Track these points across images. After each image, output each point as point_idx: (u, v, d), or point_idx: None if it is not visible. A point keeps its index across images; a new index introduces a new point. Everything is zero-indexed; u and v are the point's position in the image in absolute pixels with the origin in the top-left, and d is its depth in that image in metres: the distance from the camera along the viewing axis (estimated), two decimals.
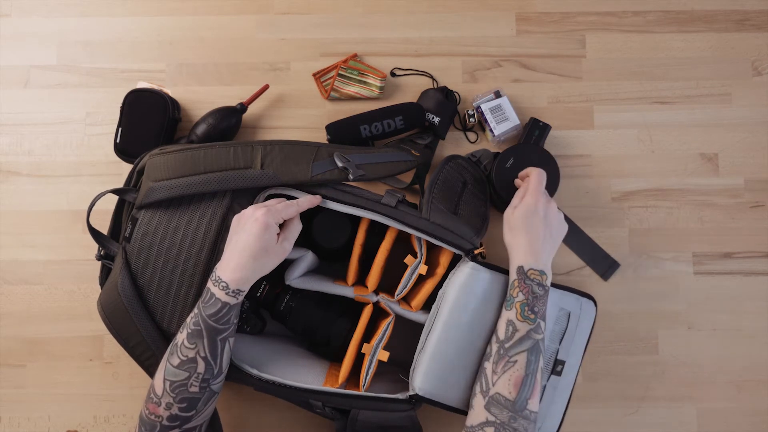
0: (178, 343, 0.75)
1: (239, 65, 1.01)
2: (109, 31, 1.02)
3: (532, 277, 0.79)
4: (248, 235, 0.76)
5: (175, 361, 0.74)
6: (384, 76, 0.99)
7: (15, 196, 0.99)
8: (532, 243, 0.81)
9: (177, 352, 0.74)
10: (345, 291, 0.86)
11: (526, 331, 0.77)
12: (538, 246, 0.81)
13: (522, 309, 0.78)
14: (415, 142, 0.97)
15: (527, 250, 0.80)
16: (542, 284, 0.79)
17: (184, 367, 0.74)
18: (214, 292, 0.75)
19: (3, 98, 1.00)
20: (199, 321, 0.75)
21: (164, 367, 0.75)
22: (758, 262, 0.98)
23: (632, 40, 1.02)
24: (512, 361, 0.76)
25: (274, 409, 0.95)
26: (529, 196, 0.82)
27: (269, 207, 0.78)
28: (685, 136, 1.00)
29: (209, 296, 0.75)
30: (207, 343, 0.74)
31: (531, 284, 0.79)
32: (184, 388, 0.74)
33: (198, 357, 0.74)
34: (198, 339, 0.74)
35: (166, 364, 0.75)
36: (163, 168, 0.83)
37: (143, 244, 0.83)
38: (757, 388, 0.97)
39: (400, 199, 0.85)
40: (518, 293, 0.79)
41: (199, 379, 0.74)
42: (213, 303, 0.75)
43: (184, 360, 0.74)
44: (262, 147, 0.84)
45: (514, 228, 0.82)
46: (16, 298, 0.98)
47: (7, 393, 0.96)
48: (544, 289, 0.79)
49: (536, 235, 0.81)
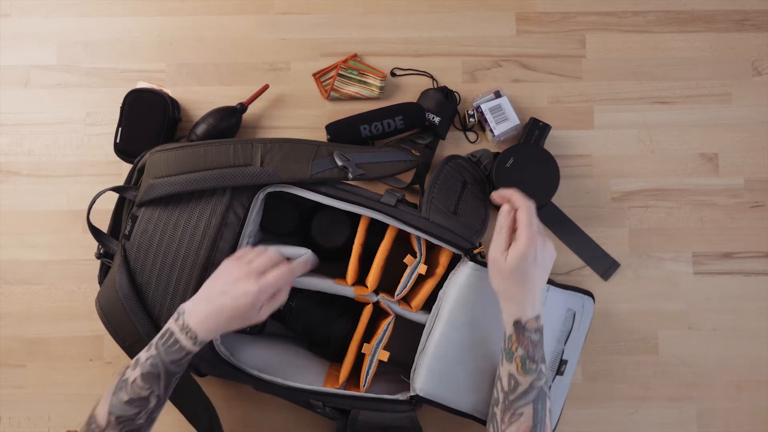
0: (128, 380, 0.71)
1: (239, 65, 1.01)
2: (109, 31, 1.02)
3: (530, 329, 0.74)
4: (232, 303, 0.72)
5: (124, 397, 0.71)
6: (384, 76, 0.99)
7: (15, 196, 0.99)
8: (529, 293, 0.75)
9: (127, 389, 0.71)
10: (345, 291, 0.86)
11: (529, 383, 0.74)
12: (535, 293, 0.75)
13: (523, 363, 0.74)
14: (415, 142, 0.97)
15: (524, 302, 0.75)
16: (538, 329, 0.75)
17: (135, 404, 0.72)
18: (179, 339, 0.72)
19: (3, 98, 1.00)
20: (158, 363, 0.72)
21: (109, 400, 0.72)
22: (758, 262, 0.98)
23: (632, 40, 1.02)
24: (518, 413, 0.74)
25: (274, 409, 0.95)
26: (523, 242, 0.74)
27: (263, 283, 0.73)
28: (685, 136, 1.00)
29: (173, 341, 0.72)
30: (163, 385, 0.73)
31: (530, 335, 0.74)
32: (131, 422, 0.72)
33: (152, 396, 0.72)
34: (154, 381, 0.72)
35: (112, 398, 0.72)
36: (163, 165, 0.83)
37: (143, 242, 0.83)
38: (757, 388, 0.97)
39: (400, 198, 0.85)
40: (517, 348, 0.74)
41: (148, 412, 0.73)
42: (177, 350, 0.72)
43: (134, 398, 0.72)
44: (262, 145, 0.84)
45: (507, 278, 0.75)
46: (16, 298, 0.98)
47: (7, 393, 0.96)
48: (540, 333, 0.75)
49: (533, 284, 0.75)
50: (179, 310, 0.74)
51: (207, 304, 0.73)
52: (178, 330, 0.72)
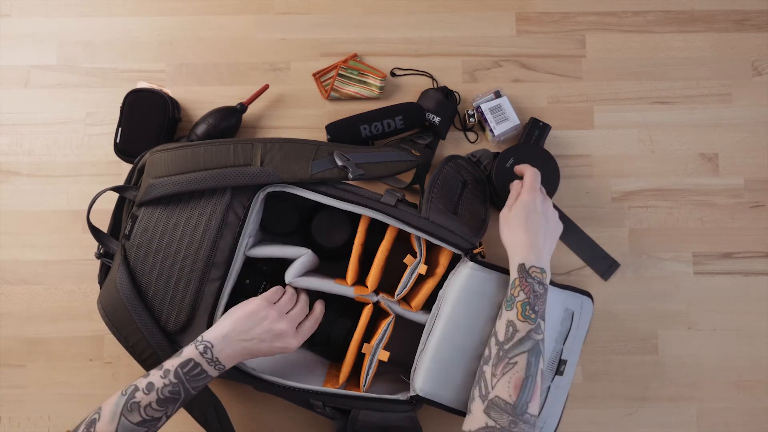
0: (141, 404, 0.72)
1: (239, 65, 1.01)
2: (109, 31, 1.02)
3: (533, 275, 0.77)
4: (269, 350, 0.79)
5: (135, 419, 0.72)
6: (384, 76, 0.99)
7: (15, 196, 0.99)
8: (532, 240, 0.79)
9: (140, 411, 0.72)
10: (345, 290, 0.86)
11: (527, 331, 0.75)
12: (538, 243, 0.79)
13: (523, 308, 0.76)
14: (416, 142, 0.97)
15: (528, 248, 0.79)
16: (543, 282, 0.78)
17: (145, 425, 0.72)
18: (206, 371, 0.75)
19: (3, 98, 1.00)
20: (180, 391, 0.73)
21: (118, 422, 0.71)
22: (758, 262, 0.98)
23: (632, 40, 1.02)
24: (512, 362, 0.74)
25: (274, 408, 0.95)
26: (526, 193, 0.81)
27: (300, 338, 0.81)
28: (685, 136, 1.00)
29: (199, 371, 0.74)
30: (178, 407, 0.74)
31: (532, 282, 0.77)
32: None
33: (164, 416, 0.73)
34: (171, 404, 0.73)
35: (122, 419, 0.71)
36: (163, 165, 0.83)
37: (143, 242, 0.83)
38: (757, 388, 0.97)
39: (400, 198, 0.85)
40: (519, 292, 0.77)
41: (154, 430, 0.74)
42: (202, 378, 0.75)
43: (147, 419, 0.72)
44: (262, 144, 0.84)
45: (513, 225, 0.80)
46: (16, 298, 0.97)
47: (7, 393, 0.96)
48: (545, 288, 0.78)
49: (536, 232, 0.79)
50: (206, 344, 0.75)
51: (241, 346, 0.77)
52: (206, 362, 0.75)
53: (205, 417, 0.85)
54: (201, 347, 0.75)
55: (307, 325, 0.83)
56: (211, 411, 0.85)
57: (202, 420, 0.85)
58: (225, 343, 0.76)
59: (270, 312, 0.79)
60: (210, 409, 0.85)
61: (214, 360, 0.75)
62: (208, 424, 0.85)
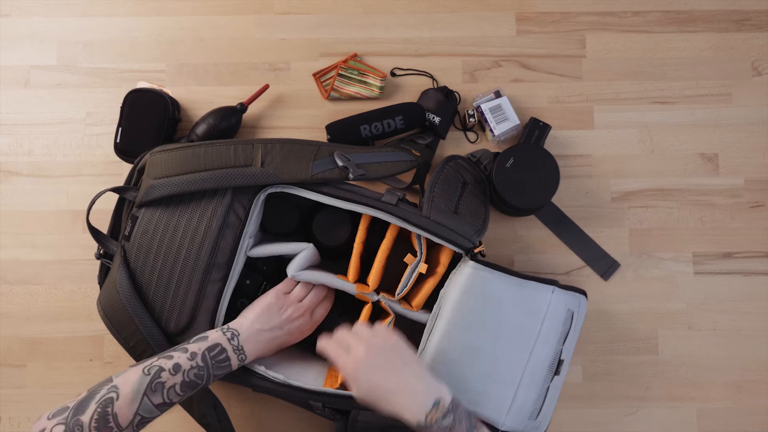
0: (166, 384, 0.71)
1: (239, 65, 1.01)
2: (109, 31, 1.02)
3: (433, 421, 0.68)
4: (288, 338, 0.83)
5: (157, 400, 0.70)
6: (384, 76, 0.99)
7: (15, 196, 0.99)
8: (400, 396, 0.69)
9: (163, 393, 0.71)
10: (347, 286, 0.86)
11: None
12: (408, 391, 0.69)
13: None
14: (416, 142, 0.97)
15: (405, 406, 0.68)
16: (448, 412, 0.69)
17: (162, 408, 0.72)
18: (230, 358, 0.76)
19: (3, 98, 1.00)
20: (203, 376, 0.74)
21: (140, 402, 0.69)
22: (758, 262, 0.98)
23: (632, 40, 1.02)
24: None
25: (274, 409, 0.95)
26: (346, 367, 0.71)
27: (315, 321, 0.86)
28: (685, 136, 1.00)
29: (224, 357, 0.75)
30: (195, 394, 0.75)
31: (438, 426, 0.68)
32: (144, 425, 0.71)
33: (174, 404, 0.73)
34: (191, 389, 0.74)
35: (145, 399, 0.69)
36: (163, 165, 0.83)
37: (143, 243, 0.83)
38: (757, 388, 0.97)
39: (401, 197, 0.85)
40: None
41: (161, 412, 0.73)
42: (224, 367, 0.76)
43: (167, 402, 0.71)
44: (262, 145, 0.84)
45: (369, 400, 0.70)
46: (16, 298, 0.97)
47: (7, 393, 0.96)
48: (455, 413, 0.69)
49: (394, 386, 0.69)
50: (233, 331, 0.78)
51: (263, 335, 0.80)
52: (232, 350, 0.76)
53: (205, 417, 0.85)
54: (228, 333, 0.76)
55: (319, 311, 0.86)
56: (211, 411, 0.85)
57: (202, 420, 0.85)
58: (249, 333, 0.78)
59: (286, 301, 0.83)
60: (210, 409, 0.85)
61: (239, 348, 0.76)
62: (208, 424, 0.85)
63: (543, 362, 0.82)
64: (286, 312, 0.83)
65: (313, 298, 0.86)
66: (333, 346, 0.74)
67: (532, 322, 0.82)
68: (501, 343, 0.82)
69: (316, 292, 0.86)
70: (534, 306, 0.83)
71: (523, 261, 0.98)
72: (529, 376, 0.82)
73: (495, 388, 0.82)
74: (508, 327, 0.82)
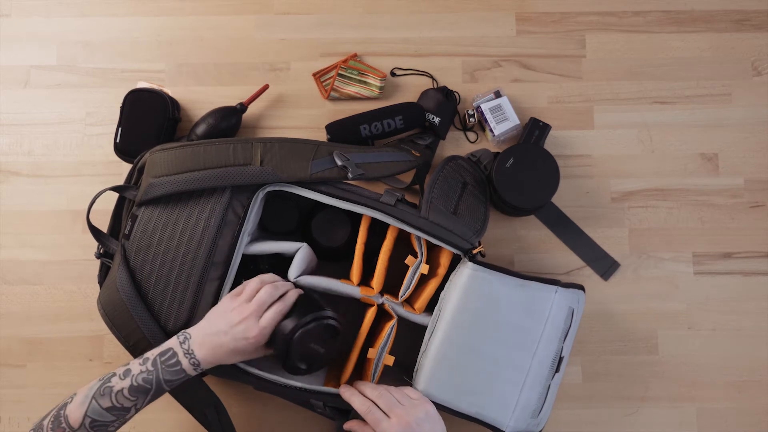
0: (113, 388, 0.72)
1: (239, 65, 1.01)
2: (109, 31, 1.02)
3: None
4: (233, 344, 0.75)
5: (105, 404, 0.72)
6: (384, 76, 0.99)
7: (15, 196, 0.99)
8: None
9: (111, 397, 0.72)
10: (351, 290, 0.86)
11: None
12: None
13: None
14: (416, 142, 0.97)
15: None
16: None
17: (114, 413, 0.72)
18: (181, 361, 0.73)
19: (3, 98, 1.00)
20: (152, 381, 0.73)
21: (88, 404, 0.71)
22: (758, 262, 0.98)
23: (632, 40, 1.02)
24: None
25: (274, 408, 0.95)
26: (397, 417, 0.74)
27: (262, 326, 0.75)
28: (685, 136, 1.00)
29: (174, 362, 0.73)
30: (148, 400, 0.74)
31: None
32: (104, 428, 0.72)
33: (133, 408, 0.73)
34: (142, 394, 0.73)
35: (93, 402, 0.71)
36: (163, 164, 0.83)
37: (142, 241, 0.83)
38: (757, 388, 0.97)
39: (399, 198, 0.85)
40: None
41: (121, 422, 0.74)
42: (176, 371, 0.73)
43: (117, 407, 0.72)
44: (261, 144, 0.84)
45: None
46: (16, 298, 0.97)
47: (7, 393, 0.96)
48: None
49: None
50: (186, 334, 0.75)
51: (210, 339, 0.75)
52: (182, 353, 0.74)
53: (206, 416, 0.85)
54: (181, 337, 0.75)
55: (268, 315, 0.76)
56: (212, 410, 0.85)
57: (203, 419, 0.85)
58: (199, 335, 0.75)
59: (233, 304, 0.77)
60: (210, 408, 0.85)
61: (189, 352, 0.73)
62: (208, 423, 0.85)
63: (545, 361, 0.83)
64: (230, 315, 0.76)
65: (263, 296, 0.77)
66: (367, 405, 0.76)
67: (535, 322, 0.82)
68: (503, 345, 0.82)
69: (268, 290, 0.77)
70: (537, 307, 0.83)
71: (523, 261, 0.98)
72: (532, 376, 0.82)
73: (499, 390, 0.82)
74: (510, 328, 0.82)
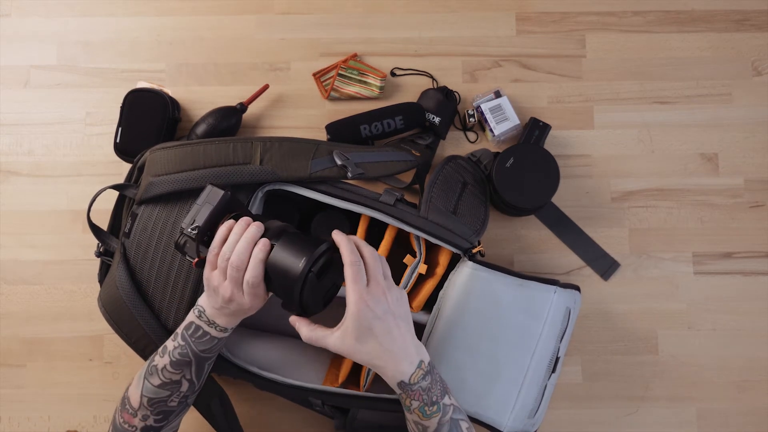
0: (158, 366, 0.74)
1: (239, 65, 1.01)
2: (109, 31, 1.02)
3: (415, 381, 0.69)
4: (240, 313, 0.73)
5: (155, 382, 0.74)
6: (384, 76, 0.99)
7: (15, 196, 0.99)
8: (392, 350, 0.68)
9: (158, 374, 0.74)
10: None
11: (436, 424, 0.69)
12: (400, 347, 0.68)
13: (422, 411, 0.69)
14: (416, 142, 0.97)
15: (395, 361, 0.68)
16: (426, 373, 0.69)
17: (167, 387, 0.74)
18: (208, 332, 0.74)
19: (3, 98, 1.00)
20: (188, 353, 0.73)
21: (142, 384, 0.74)
22: (758, 262, 0.98)
23: (632, 40, 1.02)
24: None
25: (273, 407, 0.95)
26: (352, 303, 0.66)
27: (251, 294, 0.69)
28: (685, 136, 1.00)
29: (201, 333, 0.74)
30: (195, 370, 0.75)
31: (419, 387, 0.69)
32: (164, 404, 0.74)
33: (183, 380, 0.74)
34: (185, 367, 0.74)
35: (145, 382, 0.74)
36: (163, 163, 0.83)
37: (142, 240, 0.83)
38: (757, 388, 0.97)
39: (399, 197, 0.85)
40: (411, 401, 0.69)
41: (180, 395, 0.75)
42: (207, 341, 0.74)
43: (166, 382, 0.74)
44: (261, 143, 0.84)
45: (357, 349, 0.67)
46: (16, 298, 0.97)
47: (7, 393, 0.96)
48: (430, 374, 0.70)
49: (391, 338, 0.68)
50: (199, 308, 0.75)
51: (218, 311, 0.73)
52: (205, 324, 0.74)
53: (210, 408, 0.85)
54: (196, 311, 0.75)
55: (248, 277, 0.68)
56: (216, 402, 0.85)
57: (207, 412, 0.85)
58: (210, 309, 0.73)
59: (213, 280, 0.71)
60: (215, 399, 0.85)
61: (211, 322, 0.74)
62: (213, 416, 0.85)
63: (543, 361, 0.83)
64: (218, 295, 0.71)
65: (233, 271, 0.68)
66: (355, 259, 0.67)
67: (534, 322, 0.82)
68: (502, 344, 0.82)
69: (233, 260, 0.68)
70: (536, 307, 0.83)
71: (523, 261, 0.98)
72: (531, 376, 0.82)
73: (498, 390, 0.82)
74: (509, 328, 0.82)
